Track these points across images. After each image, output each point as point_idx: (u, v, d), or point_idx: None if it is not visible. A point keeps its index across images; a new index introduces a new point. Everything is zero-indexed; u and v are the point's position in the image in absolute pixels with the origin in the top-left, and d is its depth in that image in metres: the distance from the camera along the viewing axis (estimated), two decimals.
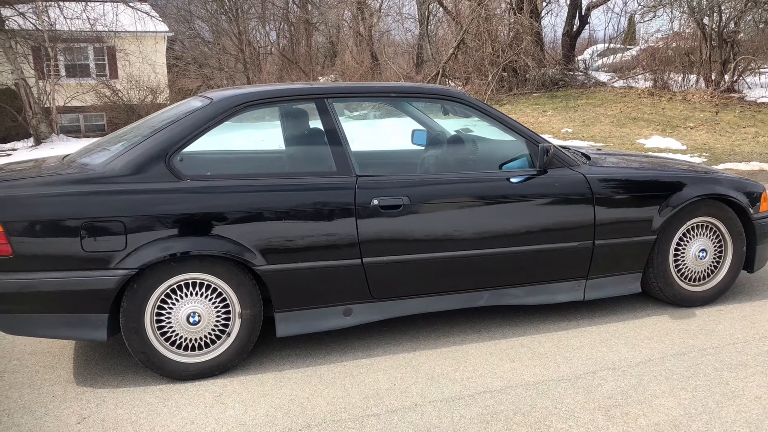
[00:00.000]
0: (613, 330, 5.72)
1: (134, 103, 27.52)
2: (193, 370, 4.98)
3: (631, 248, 5.87)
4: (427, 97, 6.21)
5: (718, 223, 6.13)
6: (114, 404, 4.66)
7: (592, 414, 4.37)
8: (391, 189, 5.25)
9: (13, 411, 4.61)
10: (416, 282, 5.43)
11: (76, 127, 30.11)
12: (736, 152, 16.39)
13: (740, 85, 24.60)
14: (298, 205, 5.04)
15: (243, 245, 4.89)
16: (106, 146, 5.43)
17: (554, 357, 5.24)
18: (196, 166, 5.38)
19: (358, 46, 38.83)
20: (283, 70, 37.71)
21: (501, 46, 27.66)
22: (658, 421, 4.27)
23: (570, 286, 5.84)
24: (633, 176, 6.05)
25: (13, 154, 21.95)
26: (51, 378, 5.11)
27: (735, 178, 6.39)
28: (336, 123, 5.39)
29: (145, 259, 4.70)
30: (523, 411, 4.44)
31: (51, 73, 26.61)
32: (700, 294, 6.20)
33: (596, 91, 26.46)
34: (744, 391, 4.63)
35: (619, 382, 4.80)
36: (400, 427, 4.27)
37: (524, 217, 5.56)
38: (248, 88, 5.74)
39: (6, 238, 4.58)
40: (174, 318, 4.90)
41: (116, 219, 4.68)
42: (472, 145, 6.25)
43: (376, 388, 4.80)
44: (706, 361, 5.11)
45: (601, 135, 19.49)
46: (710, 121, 20.37)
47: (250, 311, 5.03)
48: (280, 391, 4.80)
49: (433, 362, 5.20)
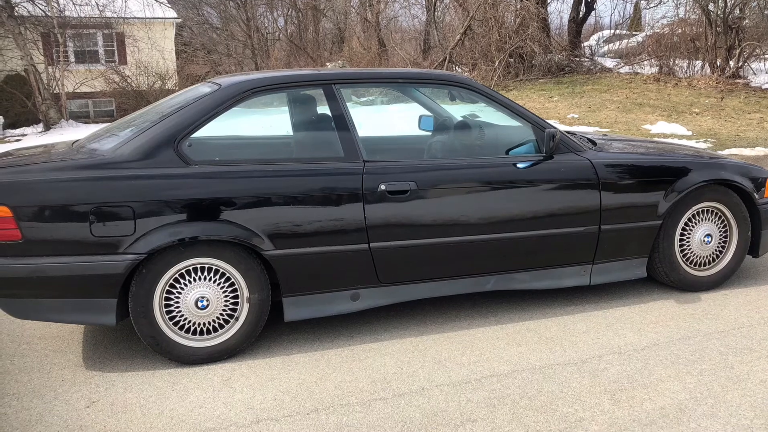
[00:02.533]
0: (619, 314, 5.75)
1: (143, 89, 27.47)
2: (201, 355, 5.00)
3: (637, 233, 5.89)
4: (434, 83, 6.20)
5: (723, 209, 6.15)
6: (123, 388, 4.68)
7: (598, 398, 4.39)
8: (399, 174, 5.26)
9: (22, 395, 4.64)
10: (423, 267, 5.44)
11: (85, 112, 30.08)
12: (741, 138, 16.37)
13: (745, 71, 24.55)
14: (306, 190, 5.05)
15: (251, 230, 4.91)
16: (115, 132, 5.45)
17: (560, 341, 5.27)
18: (204, 152, 5.41)
19: (365, 33, 38.79)
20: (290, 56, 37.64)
21: (508, 33, 27.59)
22: (663, 404, 4.29)
23: (576, 270, 5.86)
24: (639, 162, 6.05)
25: (22, 140, 21.95)
26: (60, 362, 5.13)
27: (740, 163, 6.40)
28: (343, 109, 5.40)
29: (153, 244, 4.72)
30: (530, 395, 4.46)
31: (60, 59, 26.58)
32: (706, 279, 6.22)
33: (602, 77, 26.41)
34: (749, 375, 4.65)
35: (625, 366, 4.82)
36: (407, 411, 4.29)
37: (531, 203, 5.57)
38: (256, 74, 5.75)
39: (15, 223, 4.59)
40: (183, 302, 4.92)
41: (125, 204, 4.70)
42: (478, 130, 6.25)
43: (384, 372, 4.83)
44: (712, 345, 5.13)
45: (607, 121, 19.47)
46: (715, 107, 20.33)
47: (258, 296, 5.05)
48: (288, 375, 4.82)
49: (440, 346, 5.22)
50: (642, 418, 4.14)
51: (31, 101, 25.37)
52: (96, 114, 30.14)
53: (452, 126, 6.38)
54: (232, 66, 38.55)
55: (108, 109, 30.01)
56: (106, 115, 29.41)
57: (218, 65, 37.98)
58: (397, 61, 32.83)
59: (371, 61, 31.94)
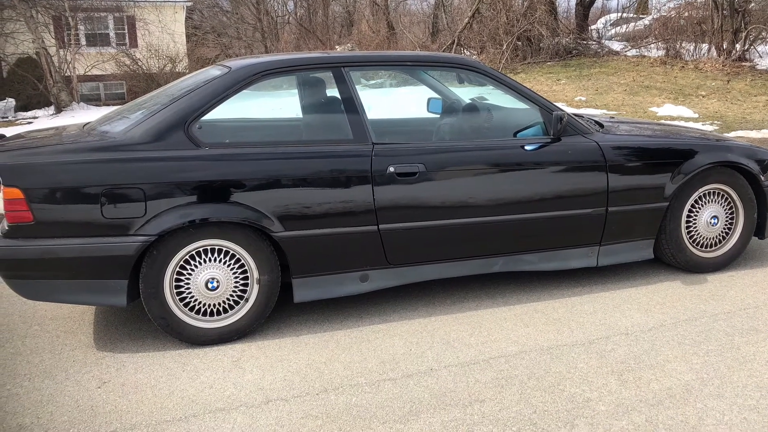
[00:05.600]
0: (626, 296, 5.77)
1: (153, 72, 27.50)
2: (211, 335, 5.04)
3: (644, 215, 5.91)
4: (442, 66, 6.21)
5: (729, 190, 6.16)
6: (134, 369, 4.72)
7: (605, 378, 4.42)
8: (407, 156, 5.28)
9: (34, 375, 4.67)
10: (432, 248, 5.47)
11: (96, 95, 30.07)
12: (748, 120, 16.34)
13: (751, 53, 24.43)
14: (315, 172, 5.07)
15: (261, 212, 4.93)
16: (126, 114, 5.47)
17: (568, 322, 5.29)
18: (214, 134, 5.43)
19: (374, 16, 38.72)
20: (300, 39, 37.66)
21: (515, 16, 27.52)
22: (670, 385, 4.31)
23: (583, 252, 5.88)
24: (646, 144, 6.06)
25: (34, 122, 21.98)
26: (71, 343, 5.17)
27: (746, 145, 6.41)
28: (353, 91, 5.41)
29: (164, 225, 4.75)
30: (538, 375, 4.48)
31: (71, 42, 26.57)
32: (712, 260, 6.24)
33: (609, 59, 26.33)
34: (755, 356, 4.67)
35: (632, 347, 4.84)
36: (415, 392, 4.32)
37: (538, 185, 5.58)
38: (266, 57, 5.76)
39: (27, 205, 4.62)
40: (193, 284, 4.95)
41: (136, 186, 4.72)
42: (486, 113, 6.26)
43: (392, 353, 4.85)
44: (718, 326, 5.15)
45: (614, 103, 19.43)
46: (722, 90, 20.27)
47: (268, 277, 5.08)
48: (297, 355, 4.86)
49: (448, 327, 5.25)
50: (649, 399, 4.16)
51: (43, 84, 25.39)
52: (107, 97, 30.13)
53: (460, 108, 6.39)
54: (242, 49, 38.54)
55: (119, 92, 30.01)
56: (117, 97, 29.39)
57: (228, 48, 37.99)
58: (405, 44, 32.79)
59: (380, 45, 31.89)
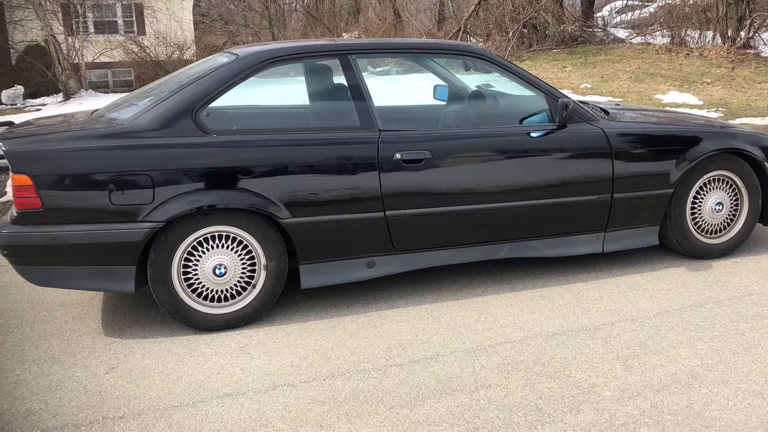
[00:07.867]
0: (631, 282, 5.79)
1: (161, 60, 27.42)
2: (219, 321, 5.07)
3: (649, 201, 5.92)
4: (448, 53, 6.22)
5: (734, 177, 6.17)
6: (142, 354, 4.75)
7: (610, 364, 4.44)
8: (414, 143, 5.29)
9: (42, 361, 4.70)
10: (438, 235, 5.49)
11: (104, 82, 30.03)
12: (752, 107, 16.30)
13: (756, 41, 24.36)
14: (322, 159, 5.09)
15: (268, 198, 4.95)
16: (134, 101, 5.48)
17: (573, 308, 5.31)
18: (222, 121, 5.44)
19: (381, 3, 38.65)
20: (307, 27, 37.60)
21: (521, 3, 27.40)
22: (675, 371, 4.33)
23: (589, 238, 5.90)
24: (651, 131, 6.08)
25: (42, 109, 21.96)
26: (80, 329, 5.19)
27: (751, 132, 6.42)
28: (359, 79, 5.42)
29: (172, 212, 4.77)
30: (543, 361, 4.50)
31: (80, 29, 26.51)
32: (717, 246, 6.25)
33: (615, 47, 26.26)
34: (760, 342, 4.69)
35: (637, 333, 4.86)
36: (422, 377, 4.34)
37: (544, 171, 5.60)
38: (273, 45, 5.78)
39: (36, 191, 4.64)
40: (200, 270, 4.97)
41: (144, 173, 4.75)
42: (492, 100, 6.29)
43: (399, 339, 4.87)
44: (723, 312, 5.17)
45: (619, 90, 19.40)
46: (726, 77, 20.22)
47: (275, 263, 5.10)
48: (304, 341, 4.88)
49: (454, 313, 5.27)
50: (654, 384, 4.18)
51: (51, 71, 25.35)
52: (115, 84, 30.10)
53: (466, 96, 6.40)
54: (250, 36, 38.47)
55: (127, 79, 29.96)
56: (125, 84, 29.36)
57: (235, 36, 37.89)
58: (412, 31, 32.74)
59: (387, 32, 31.84)
